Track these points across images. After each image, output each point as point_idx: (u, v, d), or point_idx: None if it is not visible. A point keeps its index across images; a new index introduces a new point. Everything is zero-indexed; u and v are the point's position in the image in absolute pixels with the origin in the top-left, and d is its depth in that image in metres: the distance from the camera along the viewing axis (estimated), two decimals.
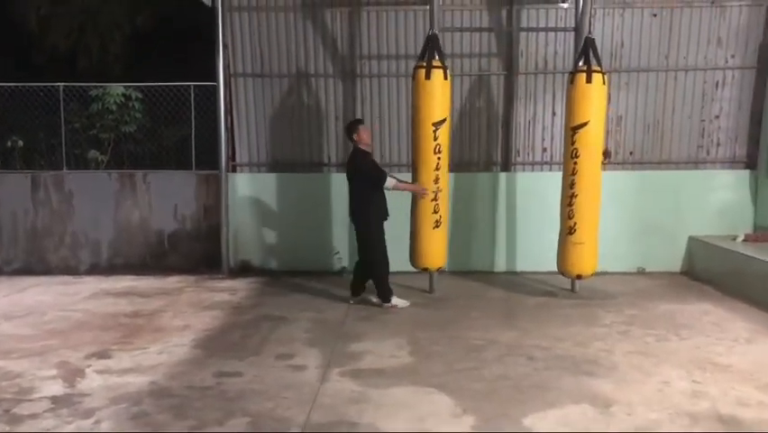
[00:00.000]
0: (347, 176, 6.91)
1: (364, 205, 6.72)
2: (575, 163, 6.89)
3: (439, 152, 6.88)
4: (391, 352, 5.37)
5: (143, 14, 13.67)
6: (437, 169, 6.90)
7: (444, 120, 6.88)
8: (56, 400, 4.36)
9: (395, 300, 6.82)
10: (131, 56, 13.81)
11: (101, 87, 9.70)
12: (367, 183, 6.70)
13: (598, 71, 6.79)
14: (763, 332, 5.87)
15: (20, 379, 4.77)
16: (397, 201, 7.66)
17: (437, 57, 6.86)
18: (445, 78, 6.84)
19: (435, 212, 6.97)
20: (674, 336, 5.79)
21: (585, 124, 6.80)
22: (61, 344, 5.62)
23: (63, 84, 9.08)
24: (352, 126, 6.94)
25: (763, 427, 3.91)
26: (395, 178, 6.88)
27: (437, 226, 7.01)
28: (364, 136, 6.84)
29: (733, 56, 8.59)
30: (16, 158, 9.93)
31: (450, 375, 4.81)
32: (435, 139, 6.84)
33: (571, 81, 6.91)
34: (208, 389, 4.57)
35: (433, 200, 6.94)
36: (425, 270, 7.23)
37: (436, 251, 7.11)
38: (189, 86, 8.95)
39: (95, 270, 8.86)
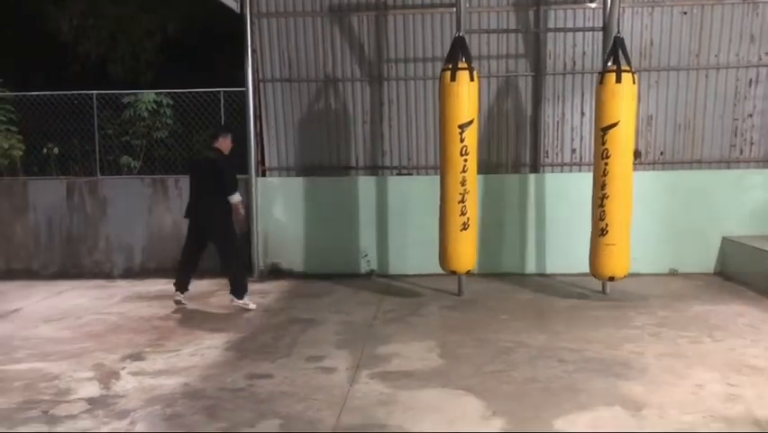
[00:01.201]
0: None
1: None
2: (606, 164, 6.81)
3: (466, 153, 6.86)
4: (420, 354, 5.38)
5: (173, 22, 13.88)
6: (464, 171, 6.88)
7: (471, 122, 6.86)
8: (92, 402, 4.46)
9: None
10: (162, 63, 14.02)
11: (133, 94, 9.88)
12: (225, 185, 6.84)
13: (627, 71, 6.70)
14: None
15: (57, 381, 4.88)
16: (426, 204, 7.72)
17: (464, 59, 6.85)
18: (471, 79, 6.81)
19: (463, 214, 6.95)
20: (708, 337, 5.70)
21: (615, 124, 6.72)
22: (97, 346, 5.74)
23: (96, 92, 9.27)
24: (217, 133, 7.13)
25: None
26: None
27: (465, 229, 6.99)
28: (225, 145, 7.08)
29: (766, 53, 8.43)
30: (52, 165, 10.14)
31: (479, 378, 4.80)
32: (462, 141, 6.82)
33: (601, 81, 6.84)
34: (240, 390, 4.63)
35: (460, 202, 6.92)
36: (453, 273, 7.21)
37: (464, 253, 7.08)
38: (219, 92, 9.08)
39: (128, 274, 9.02)
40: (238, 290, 7.01)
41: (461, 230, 6.97)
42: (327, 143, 8.99)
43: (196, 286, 8.21)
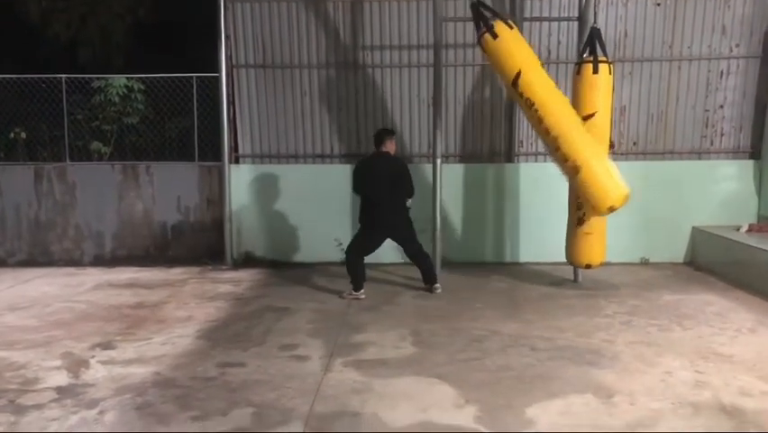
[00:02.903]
0: (382, 181, 6.76)
1: (399, 206, 6.85)
2: None
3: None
4: (394, 343, 5.38)
5: (145, 5, 13.63)
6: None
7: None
8: (60, 391, 4.38)
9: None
10: (133, 47, 13.77)
11: (103, 78, 9.69)
12: (404, 190, 6.85)
13: (604, 62, 6.73)
14: (765, 322, 5.86)
15: (24, 370, 4.79)
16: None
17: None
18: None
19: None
20: (677, 326, 5.79)
21: (593, 115, 6.75)
22: (65, 335, 5.64)
23: (65, 75, 9.07)
24: (388, 134, 7.07)
25: (766, 416, 3.91)
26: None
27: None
28: (393, 145, 7.05)
29: (737, 45, 8.54)
30: (19, 150, 9.92)
31: (452, 366, 4.82)
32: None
33: (578, 72, 6.85)
34: (212, 379, 4.59)
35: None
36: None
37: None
38: (192, 77, 8.94)
39: (98, 261, 8.89)
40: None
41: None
42: (302, 131, 8.92)
43: (170, 274, 8.15)
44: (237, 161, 8.93)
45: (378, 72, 8.77)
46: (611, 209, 6.27)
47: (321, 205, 8.69)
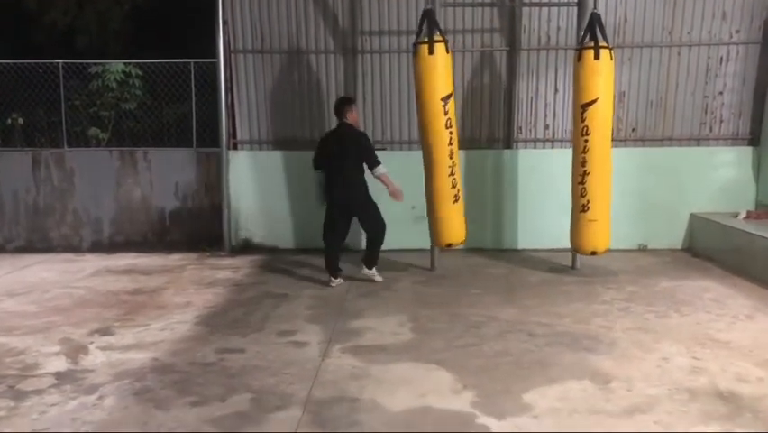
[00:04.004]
0: (335, 151, 6.72)
1: (363, 181, 6.72)
2: (586, 141, 6.81)
3: (450, 126, 6.85)
4: (392, 329, 5.40)
5: None
6: (450, 144, 6.89)
7: (451, 94, 6.84)
8: (60, 376, 4.40)
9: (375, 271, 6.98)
10: (130, 33, 13.70)
11: (101, 64, 9.64)
12: (362, 160, 6.68)
13: (605, 47, 6.70)
14: (763, 309, 5.88)
15: (24, 355, 4.81)
16: (400, 178, 7.72)
17: (438, 32, 6.79)
18: (447, 51, 6.77)
19: (454, 186, 6.97)
20: (675, 312, 5.81)
21: (595, 101, 6.72)
22: (64, 320, 5.66)
23: (62, 61, 9.03)
24: (345, 102, 6.91)
25: (762, 402, 3.93)
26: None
27: (456, 201, 7.02)
28: (356, 114, 6.92)
29: (738, 31, 8.50)
30: (17, 136, 9.90)
31: (450, 352, 4.83)
32: (446, 114, 6.81)
33: (579, 58, 6.80)
34: (211, 365, 4.60)
35: (450, 175, 6.92)
36: (449, 245, 7.22)
37: (458, 225, 7.11)
38: (189, 62, 8.90)
39: (96, 247, 8.89)
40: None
41: (454, 202, 6.98)
42: (300, 117, 8.88)
43: (168, 260, 8.16)
44: (235, 147, 8.91)
45: (377, 58, 8.72)
46: (449, 245, 7.15)
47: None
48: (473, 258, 8.13)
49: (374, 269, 6.96)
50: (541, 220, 8.35)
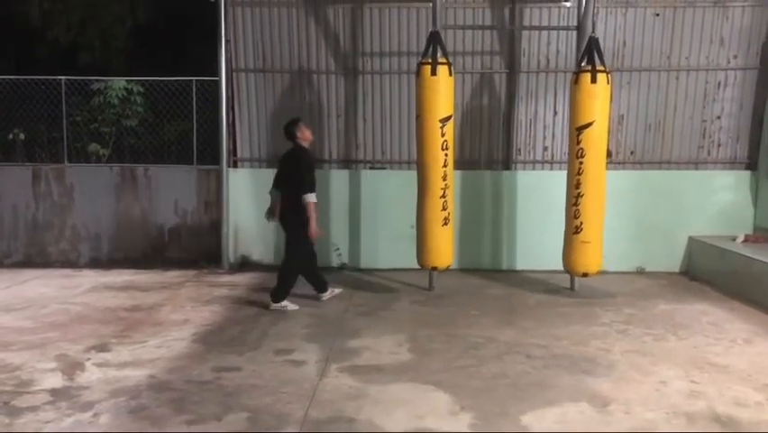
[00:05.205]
0: (285, 174, 6.60)
1: (300, 206, 6.42)
2: (581, 163, 6.88)
3: (446, 148, 6.91)
4: (390, 348, 5.38)
5: (145, 8, 13.67)
6: (444, 166, 6.92)
7: (450, 117, 6.90)
8: (55, 393, 4.38)
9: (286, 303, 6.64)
10: (132, 50, 13.79)
11: (102, 80, 9.69)
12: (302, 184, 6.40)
13: (602, 71, 6.78)
14: (761, 333, 5.88)
15: (19, 371, 4.78)
16: (399, 198, 7.75)
17: (442, 54, 6.86)
18: (450, 74, 6.88)
19: (444, 209, 6.97)
20: (672, 335, 5.80)
21: (590, 124, 6.80)
22: (61, 337, 5.64)
23: (65, 77, 9.08)
24: (293, 124, 6.69)
25: (761, 427, 3.92)
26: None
27: (446, 224, 7.01)
28: (307, 133, 6.72)
29: (735, 56, 8.58)
30: (18, 151, 9.92)
31: (448, 373, 4.82)
32: (443, 135, 6.87)
33: (576, 81, 6.90)
34: (207, 383, 4.58)
35: (441, 198, 6.93)
36: (434, 268, 7.21)
37: (445, 249, 7.10)
38: (191, 80, 8.96)
39: (95, 263, 8.87)
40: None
41: (443, 225, 6.99)
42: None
43: (166, 277, 8.15)
44: (236, 165, 8.94)
45: (377, 78, 8.79)
46: (434, 268, 7.16)
47: (319, 209, 8.66)
48: (472, 278, 8.13)
49: (286, 300, 6.62)
50: (540, 241, 8.36)
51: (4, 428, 3.84)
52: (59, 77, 9.04)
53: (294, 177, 6.46)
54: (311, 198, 6.38)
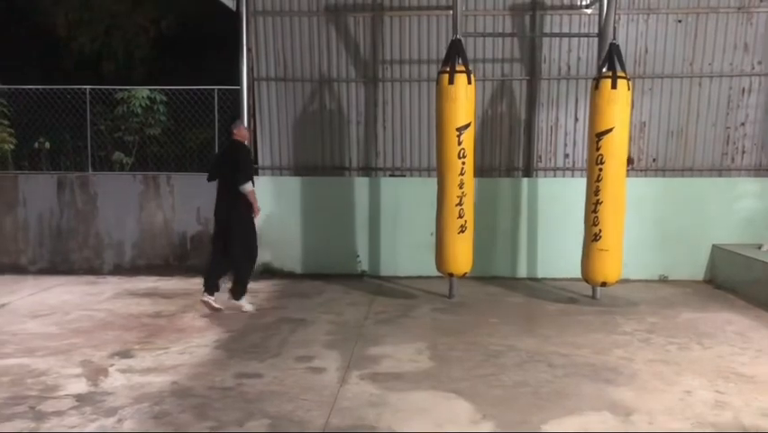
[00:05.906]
0: (222, 167, 6.72)
1: (240, 199, 6.62)
2: (600, 170, 6.85)
3: (464, 156, 6.89)
4: (410, 356, 5.38)
5: (168, 19, 13.86)
6: (462, 174, 6.90)
7: (469, 125, 6.89)
8: (80, 399, 4.43)
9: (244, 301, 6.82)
10: (156, 60, 13.99)
11: (126, 90, 9.84)
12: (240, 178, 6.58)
13: (623, 77, 6.74)
14: None
15: (45, 377, 4.85)
16: (419, 206, 7.73)
17: (461, 62, 6.87)
18: (469, 82, 6.86)
19: (461, 216, 6.96)
20: (697, 344, 5.73)
21: (610, 130, 6.76)
22: (85, 343, 5.70)
23: (89, 87, 9.23)
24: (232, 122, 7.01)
25: None
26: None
27: (463, 231, 7.00)
28: (244, 131, 6.95)
29: (760, 62, 8.50)
30: (43, 159, 10.09)
31: (469, 381, 4.80)
32: (460, 144, 6.85)
33: (596, 87, 6.87)
34: (229, 390, 4.61)
35: (458, 205, 6.92)
36: (451, 275, 7.21)
37: (462, 256, 7.09)
38: (213, 89, 9.06)
39: (118, 270, 8.97)
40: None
41: (459, 233, 6.98)
42: (321, 144, 8.98)
43: (188, 284, 8.21)
44: (257, 173, 9.00)
45: (397, 86, 8.82)
46: (450, 274, 7.15)
47: (339, 217, 8.72)
48: (492, 286, 8.09)
49: (243, 299, 6.81)
50: (560, 249, 8.30)
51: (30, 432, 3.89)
52: (84, 86, 9.20)
53: (235, 169, 6.59)
54: (249, 186, 6.61)
